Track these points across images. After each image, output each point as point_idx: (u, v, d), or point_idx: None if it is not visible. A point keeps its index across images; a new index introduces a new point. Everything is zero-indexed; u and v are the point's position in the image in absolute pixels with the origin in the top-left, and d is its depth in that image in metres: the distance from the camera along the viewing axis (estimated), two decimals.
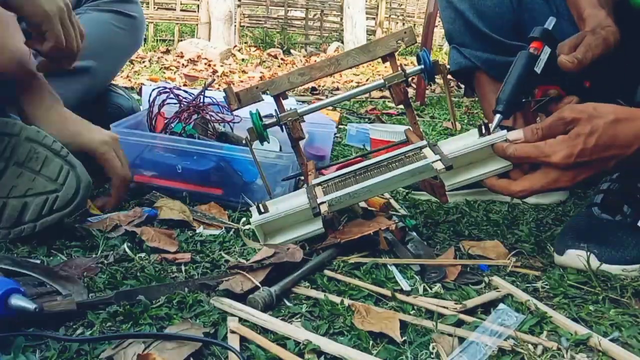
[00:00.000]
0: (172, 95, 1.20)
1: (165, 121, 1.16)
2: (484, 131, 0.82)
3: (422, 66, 0.94)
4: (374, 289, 0.73)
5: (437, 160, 0.81)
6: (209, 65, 4.45)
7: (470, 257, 0.85)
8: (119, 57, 1.32)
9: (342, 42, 7.22)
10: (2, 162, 0.83)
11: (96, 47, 1.18)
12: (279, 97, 0.94)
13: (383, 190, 0.89)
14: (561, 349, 0.61)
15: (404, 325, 0.64)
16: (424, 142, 0.88)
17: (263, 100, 0.93)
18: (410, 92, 3.37)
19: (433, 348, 0.60)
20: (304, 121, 0.94)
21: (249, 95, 0.93)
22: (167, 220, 0.93)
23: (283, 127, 0.94)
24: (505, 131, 0.81)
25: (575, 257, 0.81)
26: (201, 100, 1.20)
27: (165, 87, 1.23)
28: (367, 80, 4.03)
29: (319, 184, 0.88)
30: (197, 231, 0.91)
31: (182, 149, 1.06)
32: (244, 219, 0.95)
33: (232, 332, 0.60)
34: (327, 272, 0.77)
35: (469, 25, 1.14)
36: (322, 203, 0.83)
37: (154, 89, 1.21)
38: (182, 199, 1.03)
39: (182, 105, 1.18)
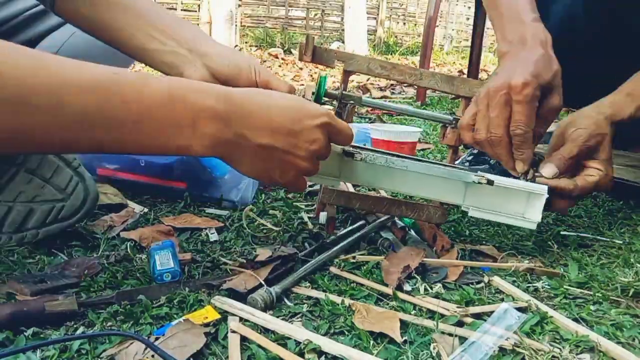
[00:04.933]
0: None
1: None
2: (528, 177, 0.85)
3: None
4: (375, 287, 0.73)
5: (478, 175, 0.81)
6: None
7: (471, 258, 0.85)
8: (122, 63, 1.33)
9: (343, 42, 7.22)
10: (14, 167, 0.83)
11: (100, 54, 1.18)
12: (348, 74, 0.92)
13: (413, 184, 0.83)
14: (562, 349, 0.61)
15: (404, 325, 0.64)
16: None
17: (334, 66, 0.91)
18: (411, 92, 3.37)
19: (434, 348, 0.60)
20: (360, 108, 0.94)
21: (324, 55, 0.90)
22: (106, 205, 0.96)
23: (338, 104, 0.90)
24: (546, 187, 0.82)
25: None
26: None
27: None
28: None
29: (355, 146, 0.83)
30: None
31: None
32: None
33: (233, 331, 0.61)
34: (327, 270, 0.77)
35: None
36: (356, 148, 0.79)
37: None
38: (184, 199, 1.03)
39: None
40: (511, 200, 0.82)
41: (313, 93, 0.86)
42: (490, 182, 0.80)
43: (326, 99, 0.88)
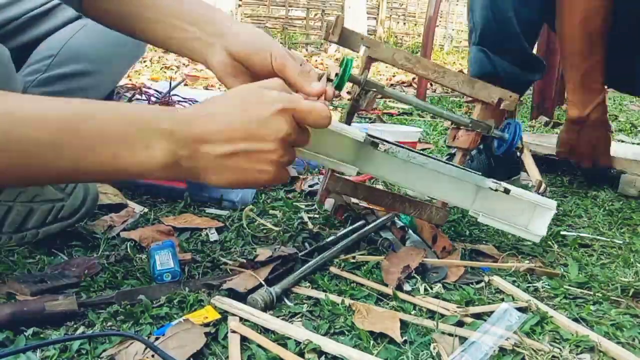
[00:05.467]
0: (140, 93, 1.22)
1: None
2: (540, 190, 0.87)
3: (509, 136, 0.93)
4: (375, 287, 0.73)
5: (495, 182, 0.81)
6: None
7: (471, 258, 0.85)
8: (124, 63, 1.33)
9: None
10: None
11: (102, 55, 1.18)
12: (371, 60, 0.89)
13: (427, 182, 0.83)
14: (562, 349, 0.61)
15: (404, 325, 0.64)
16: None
17: (358, 50, 0.88)
18: (411, 92, 3.37)
19: (434, 348, 0.60)
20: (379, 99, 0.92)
21: (351, 38, 0.87)
22: (106, 205, 0.95)
23: (357, 91, 0.87)
24: (555, 203, 0.83)
25: None
26: (171, 98, 1.21)
27: (135, 85, 1.24)
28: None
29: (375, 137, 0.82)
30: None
31: None
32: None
33: (233, 331, 0.61)
34: (327, 270, 0.77)
35: (508, 30, 1.19)
36: (379, 139, 0.78)
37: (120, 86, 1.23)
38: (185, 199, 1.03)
39: (150, 102, 1.19)
40: (519, 211, 0.83)
41: (337, 74, 0.81)
42: (507, 191, 0.80)
43: (349, 83, 0.84)
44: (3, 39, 1.07)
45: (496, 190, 0.80)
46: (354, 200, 0.86)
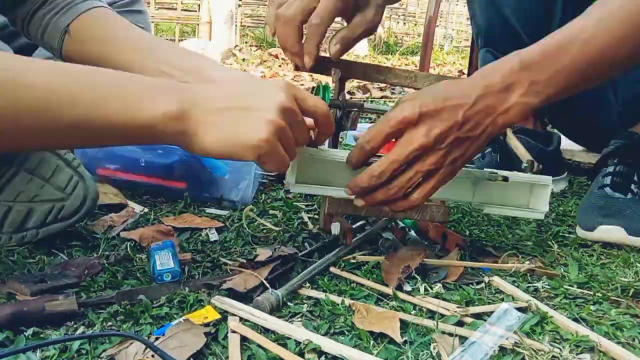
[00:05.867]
0: None
1: None
2: (534, 169, 0.85)
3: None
4: (375, 287, 0.73)
5: (492, 172, 0.82)
6: None
7: (471, 258, 0.85)
8: None
9: None
10: (14, 167, 0.83)
11: None
12: (345, 80, 0.89)
13: None
14: (562, 349, 0.61)
15: (404, 325, 0.64)
16: None
17: (331, 74, 0.86)
18: (412, 92, 3.36)
19: (434, 348, 0.60)
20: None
21: (321, 64, 0.85)
22: (106, 205, 0.96)
23: (339, 114, 0.87)
24: (550, 178, 0.83)
25: (607, 232, 0.92)
26: None
27: None
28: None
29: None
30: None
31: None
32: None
33: (233, 331, 0.61)
34: (327, 270, 0.77)
35: (510, 29, 1.17)
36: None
37: None
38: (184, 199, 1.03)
39: None
40: (518, 194, 0.84)
41: None
42: (505, 179, 0.81)
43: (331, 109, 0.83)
44: (4, 39, 1.07)
45: (495, 180, 0.80)
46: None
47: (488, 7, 1.20)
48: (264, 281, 0.71)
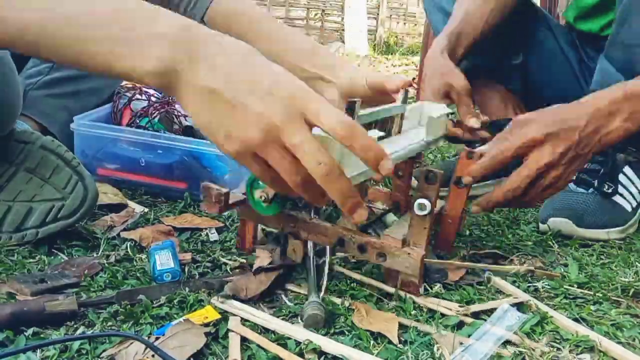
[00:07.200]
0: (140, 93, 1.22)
1: (132, 115, 1.18)
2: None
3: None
4: (376, 285, 0.73)
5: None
6: None
7: (471, 258, 0.85)
8: None
9: (343, 42, 7.22)
10: (14, 167, 0.83)
11: None
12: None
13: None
14: (562, 349, 0.61)
15: (404, 325, 0.64)
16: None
17: None
18: (411, 92, 3.37)
19: (434, 348, 0.60)
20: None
21: None
22: (106, 205, 0.96)
23: None
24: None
25: (556, 223, 0.97)
26: (171, 99, 1.22)
27: (135, 85, 1.24)
28: None
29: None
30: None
31: (145, 142, 1.06)
32: None
33: (233, 331, 0.61)
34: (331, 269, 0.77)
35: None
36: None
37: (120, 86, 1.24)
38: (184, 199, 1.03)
39: (150, 102, 1.20)
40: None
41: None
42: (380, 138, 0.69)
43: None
44: None
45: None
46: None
47: (434, 10, 1.26)
48: (266, 287, 0.70)
